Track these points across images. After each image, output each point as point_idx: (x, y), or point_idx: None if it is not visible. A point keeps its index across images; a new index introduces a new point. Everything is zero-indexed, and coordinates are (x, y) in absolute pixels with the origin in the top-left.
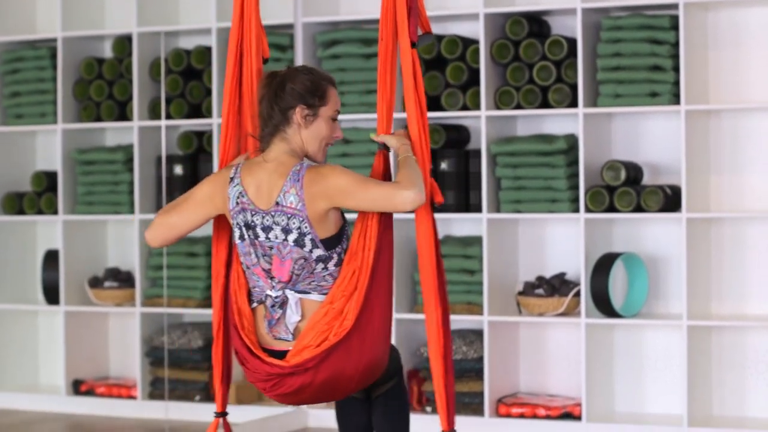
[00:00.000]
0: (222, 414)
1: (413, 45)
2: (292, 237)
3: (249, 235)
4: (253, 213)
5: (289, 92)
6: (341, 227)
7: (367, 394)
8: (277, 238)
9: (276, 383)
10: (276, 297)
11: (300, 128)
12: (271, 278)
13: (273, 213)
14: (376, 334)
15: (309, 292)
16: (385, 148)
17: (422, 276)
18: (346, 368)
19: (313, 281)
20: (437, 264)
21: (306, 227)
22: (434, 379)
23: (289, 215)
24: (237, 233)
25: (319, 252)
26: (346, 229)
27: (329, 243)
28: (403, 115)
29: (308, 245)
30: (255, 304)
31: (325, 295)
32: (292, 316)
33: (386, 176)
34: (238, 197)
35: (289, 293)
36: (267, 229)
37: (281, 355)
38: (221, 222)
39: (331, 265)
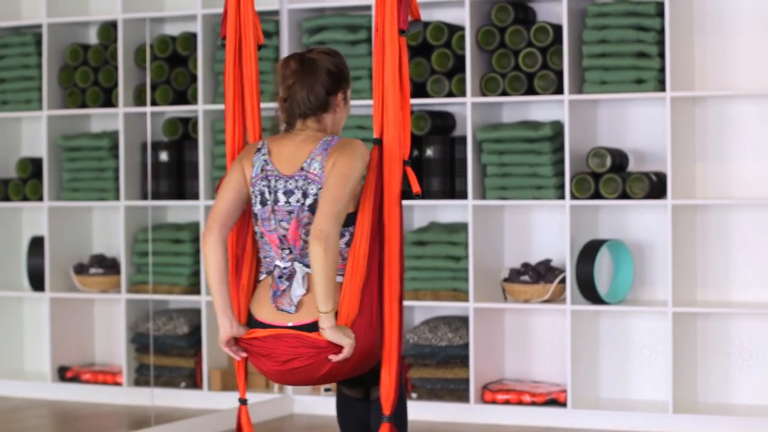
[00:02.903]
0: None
1: (402, 33)
2: (308, 201)
3: (270, 201)
4: (277, 179)
5: (330, 76)
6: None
7: (366, 394)
8: (298, 201)
9: (273, 346)
10: (284, 268)
11: (335, 112)
12: (282, 248)
13: (296, 178)
14: (373, 322)
15: None
16: (379, 143)
17: (387, 268)
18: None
19: None
20: (401, 257)
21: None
22: (384, 368)
23: (310, 181)
24: (258, 199)
25: None
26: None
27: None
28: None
29: None
30: (264, 276)
31: None
32: (298, 289)
33: (379, 170)
34: (262, 166)
35: (298, 266)
36: (288, 194)
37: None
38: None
39: (341, 243)
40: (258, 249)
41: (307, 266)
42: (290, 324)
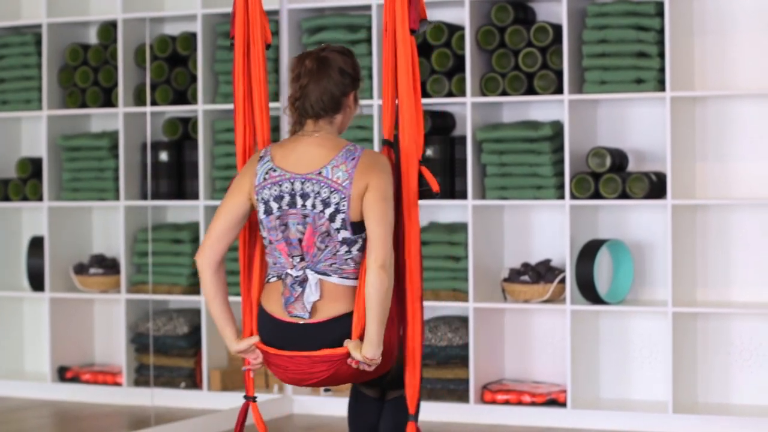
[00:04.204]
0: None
1: (413, 32)
2: (328, 211)
3: (281, 206)
4: (292, 180)
5: (344, 76)
6: None
7: (381, 393)
8: (315, 207)
9: (287, 363)
10: (296, 276)
11: (346, 111)
12: (293, 256)
13: (313, 181)
14: (388, 322)
15: (329, 275)
16: (390, 144)
17: (409, 271)
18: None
19: (335, 263)
20: (420, 257)
21: (344, 206)
22: (408, 367)
23: (332, 189)
24: (262, 208)
25: (345, 234)
26: None
27: (357, 227)
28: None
29: (337, 224)
30: (274, 279)
31: (346, 278)
32: (311, 295)
33: (393, 172)
34: (266, 172)
35: (310, 274)
36: (305, 197)
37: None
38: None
39: (354, 250)
40: (266, 253)
41: (319, 273)
42: (301, 323)
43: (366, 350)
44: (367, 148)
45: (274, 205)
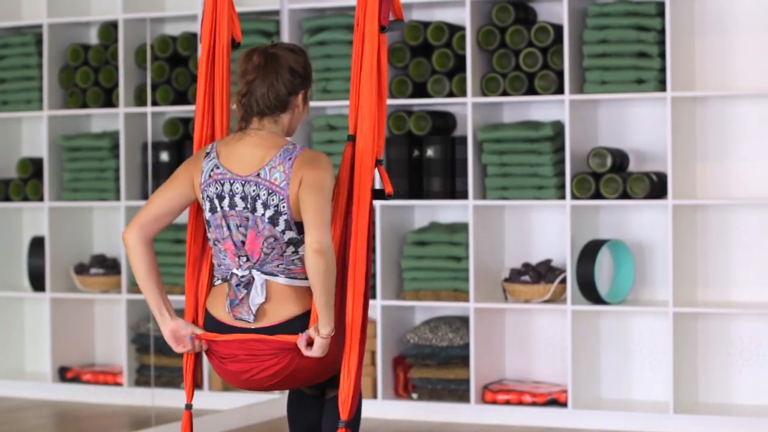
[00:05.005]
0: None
1: (382, 29)
2: (268, 213)
3: (222, 206)
4: (232, 182)
5: (292, 74)
6: None
7: (321, 392)
8: (256, 211)
9: (235, 350)
10: (242, 276)
11: (294, 111)
12: (239, 256)
13: (252, 183)
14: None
15: (276, 275)
16: (353, 139)
17: (352, 267)
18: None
19: (282, 264)
20: (368, 255)
21: (284, 207)
22: (344, 370)
23: (270, 191)
24: (208, 206)
25: (291, 234)
26: None
27: (302, 227)
28: (394, 101)
29: (281, 225)
30: (219, 282)
31: (294, 278)
32: (256, 297)
33: (352, 167)
34: (211, 170)
35: (256, 274)
36: (245, 199)
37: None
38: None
39: (301, 250)
40: (212, 254)
41: (266, 274)
42: (252, 327)
43: (320, 330)
44: (306, 148)
45: (217, 203)
